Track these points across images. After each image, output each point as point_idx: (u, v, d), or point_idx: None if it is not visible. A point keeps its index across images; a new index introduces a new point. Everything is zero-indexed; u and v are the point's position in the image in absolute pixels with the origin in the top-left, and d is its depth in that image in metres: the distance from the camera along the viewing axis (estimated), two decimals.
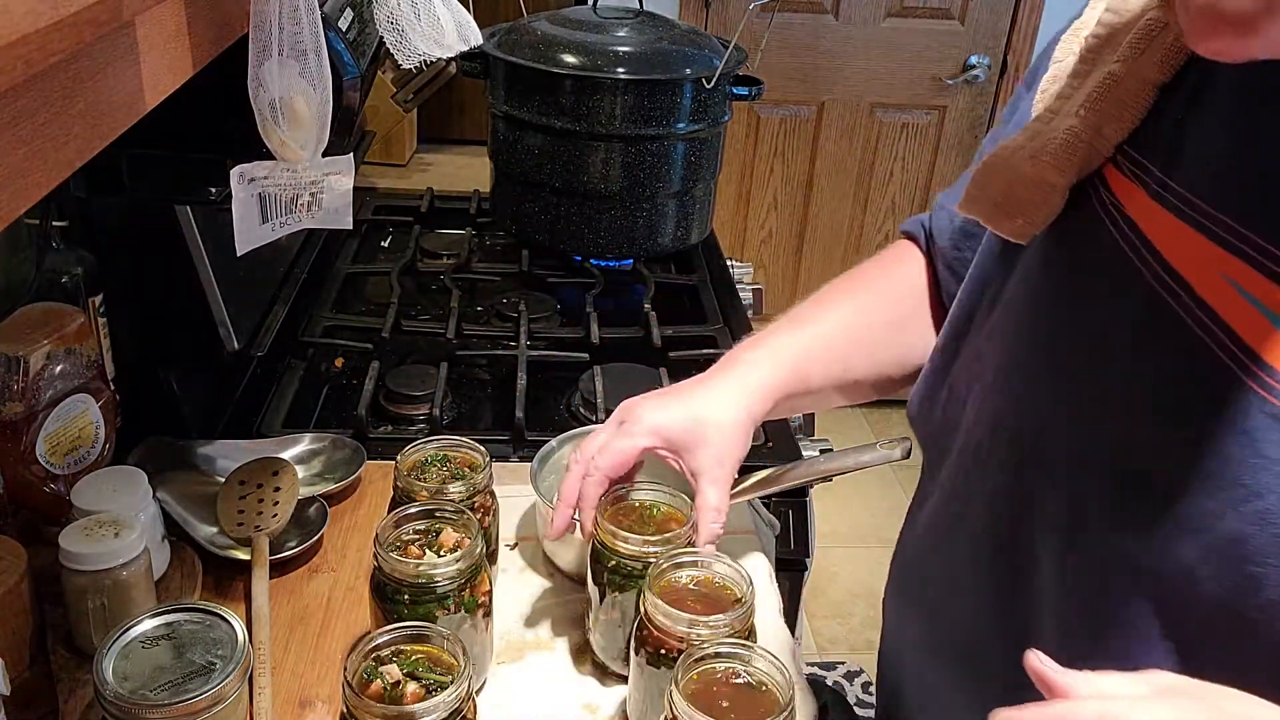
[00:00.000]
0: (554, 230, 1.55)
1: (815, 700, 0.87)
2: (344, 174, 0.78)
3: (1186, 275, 0.55)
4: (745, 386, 0.85)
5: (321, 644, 0.89)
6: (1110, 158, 0.62)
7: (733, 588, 0.79)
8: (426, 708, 0.66)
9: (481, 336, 1.39)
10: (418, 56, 0.78)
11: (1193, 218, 0.55)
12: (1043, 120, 0.65)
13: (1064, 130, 0.62)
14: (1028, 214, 0.64)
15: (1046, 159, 0.63)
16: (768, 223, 3.03)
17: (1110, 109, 0.61)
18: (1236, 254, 0.52)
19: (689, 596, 0.78)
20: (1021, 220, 0.65)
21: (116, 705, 0.67)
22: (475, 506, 0.89)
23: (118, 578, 0.81)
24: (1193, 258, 0.54)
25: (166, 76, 0.53)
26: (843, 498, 2.85)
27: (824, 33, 2.81)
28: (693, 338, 1.42)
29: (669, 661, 0.73)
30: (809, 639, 2.43)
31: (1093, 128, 0.61)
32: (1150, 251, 0.57)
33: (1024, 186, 0.64)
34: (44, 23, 0.36)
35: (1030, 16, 2.81)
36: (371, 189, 1.91)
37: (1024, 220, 0.65)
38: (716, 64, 1.46)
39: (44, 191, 0.41)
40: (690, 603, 0.77)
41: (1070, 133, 0.62)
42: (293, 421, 1.20)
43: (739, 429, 0.83)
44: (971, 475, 0.70)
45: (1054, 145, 0.62)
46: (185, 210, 1.07)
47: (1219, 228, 0.53)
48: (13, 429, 0.88)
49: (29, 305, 0.94)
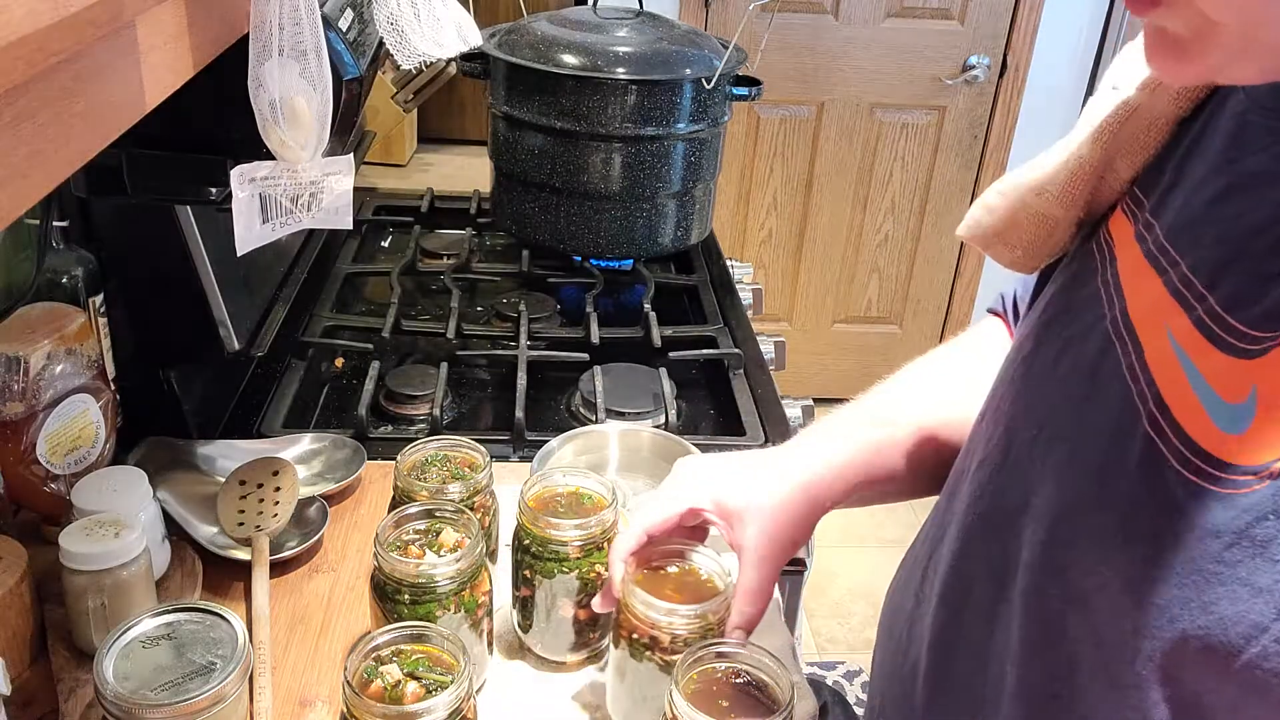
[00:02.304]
0: (554, 230, 1.55)
1: (815, 700, 0.87)
2: (344, 174, 0.78)
3: (1135, 320, 0.52)
4: (809, 466, 0.76)
5: (321, 644, 0.89)
6: (1124, 193, 0.59)
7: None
8: (426, 708, 0.66)
9: (481, 336, 1.39)
10: (417, 57, 0.78)
11: (1158, 262, 0.52)
12: (1055, 152, 0.63)
13: (1073, 161, 0.60)
14: (1026, 246, 0.62)
15: (1053, 190, 0.60)
16: (767, 223, 3.03)
17: (1124, 141, 0.58)
18: (1179, 301, 0.49)
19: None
20: (1020, 252, 0.63)
21: (117, 705, 0.67)
22: (475, 506, 0.89)
23: (118, 578, 0.81)
24: (1147, 304, 0.51)
25: (167, 76, 0.53)
26: None
27: (824, 33, 2.81)
28: (693, 338, 1.42)
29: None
30: (809, 639, 2.43)
31: (1104, 160, 0.58)
32: (1118, 293, 0.54)
33: (1027, 218, 0.62)
34: (44, 23, 0.36)
35: (1030, 16, 2.81)
36: (371, 189, 1.91)
37: (1022, 252, 0.63)
38: (716, 64, 1.47)
39: (45, 191, 0.41)
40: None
41: (1079, 162, 0.59)
42: (293, 421, 1.20)
43: (793, 510, 0.75)
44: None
45: (1061, 177, 0.60)
46: (185, 210, 1.07)
47: (1174, 274, 0.50)
48: (13, 429, 0.88)
49: (29, 305, 0.94)
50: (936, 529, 0.67)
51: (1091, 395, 0.53)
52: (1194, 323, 0.48)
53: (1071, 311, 0.58)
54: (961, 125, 2.94)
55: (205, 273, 1.11)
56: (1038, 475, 0.55)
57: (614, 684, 0.80)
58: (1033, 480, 0.55)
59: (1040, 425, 0.57)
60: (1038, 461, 0.55)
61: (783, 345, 1.52)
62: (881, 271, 3.12)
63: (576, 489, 0.89)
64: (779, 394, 1.32)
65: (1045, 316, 0.62)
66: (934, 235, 3.07)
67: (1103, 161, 0.58)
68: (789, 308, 3.15)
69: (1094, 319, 0.55)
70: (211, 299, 1.12)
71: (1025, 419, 0.59)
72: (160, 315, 1.14)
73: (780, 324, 3.15)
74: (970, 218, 0.67)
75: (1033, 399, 0.59)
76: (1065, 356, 0.57)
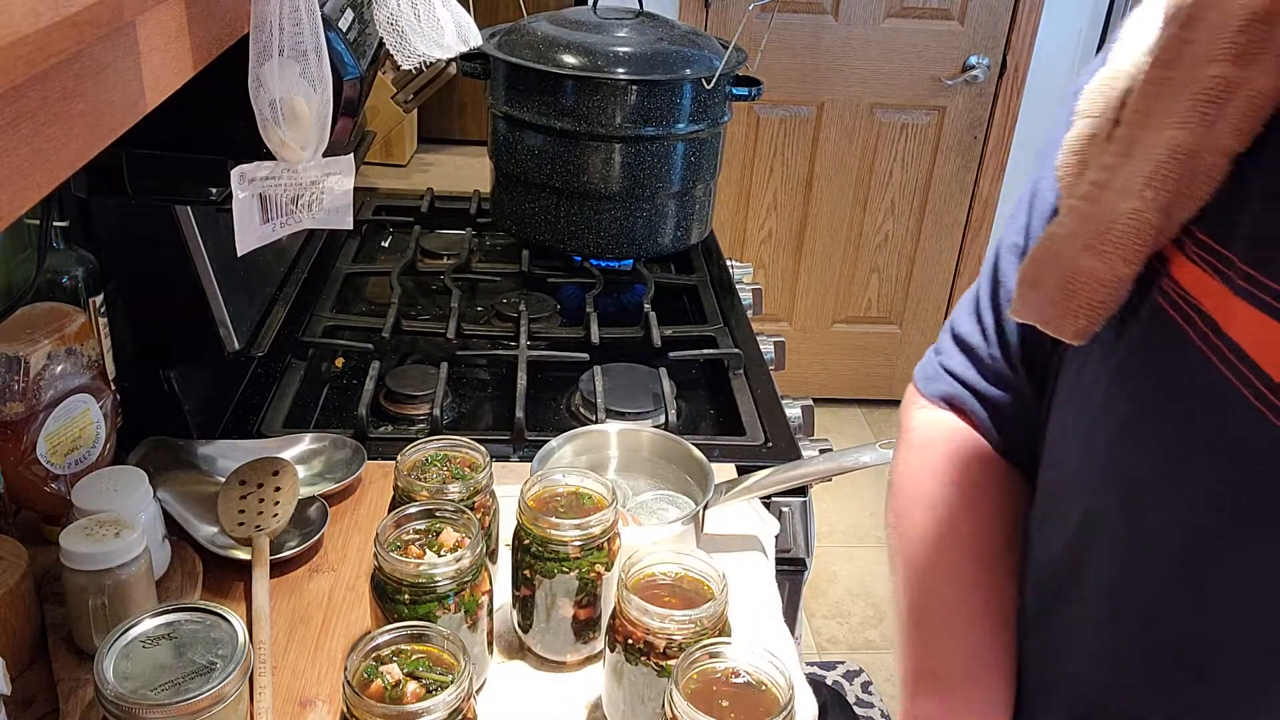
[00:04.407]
0: (554, 230, 1.55)
1: (815, 700, 0.87)
2: (344, 174, 0.78)
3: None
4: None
5: (321, 644, 0.89)
6: (1173, 239, 0.53)
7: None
8: (426, 707, 0.66)
9: (481, 336, 1.40)
10: (417, 57, 0.78)
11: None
12: (1090, 198, 0.57)
13: (1127, 214, 0.53)
14: (1091, 313, 0.56)
15: (1110, 249, 0.54)
16: (767, 223, 3.03)
17: (1181, 188, 0.51)
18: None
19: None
20: (1085, 321, 0.56)
21: (117, 705, 0.67)
22: (475, 506, 0.89)
23: (118, 578, 0.81)
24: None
25: (167, 76, 0.53)
26: (843, 498, 2.85)
27: (824, 33, 2.81)
28: (693, 338, 1.42)
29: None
30: (809, 639, 2.43)
31: (1160, 211, 0.52)
32: (1245, 362, 0.48)
33: (1086, 283, 0.55)
34: (44, 23, 0.36)
35: (1030, 16, 2.81)
36: (371, 189, 1.91)
37: (1087, 321, 0.56)
38: (716, 64, 1.47)
39: (45, 192, 0.41)
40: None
41: (1136, 217, 0.53)
42: (293, 421, 1.20)
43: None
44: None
45: (1117, 232, 0.54)
46: (185, 210, 1.07)
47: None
48: (13, 429, 0.88)
49: (30, 305, 0.94)
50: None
51: (1261, 473, 0.49)
52: None
53: (1170, 382, 0.54)
54: (961, 125, 2.94)
55: (205, 273, 1.11)
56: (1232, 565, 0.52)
57: (610, 687, 0.80)
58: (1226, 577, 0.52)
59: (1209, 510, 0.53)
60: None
61: (782, 345, 1.52)
62: (881, 271, 3.12)
63: (576, 489, 0.89)
64: (779, 394, 1.32)
65: (1131, 394, 0.57)
66: (934, 235, 3.07)
67: (1160, 211, 0.53)
68: (789, 308, 3.15)
69: (1220, 390, 0.50)
70: (211, 299, 1.13)
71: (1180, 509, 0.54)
72: (160, 315, 1.14)
73: (780, 324, 3.15)
74: (1018, 299, 0.61)
75: (1172, 476, 0.54)
76: (1188, 432, 0.52)
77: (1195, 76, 0.51)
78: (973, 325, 0.75)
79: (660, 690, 0.71)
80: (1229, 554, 0.52)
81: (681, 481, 1.03)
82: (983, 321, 0.74)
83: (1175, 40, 0.53)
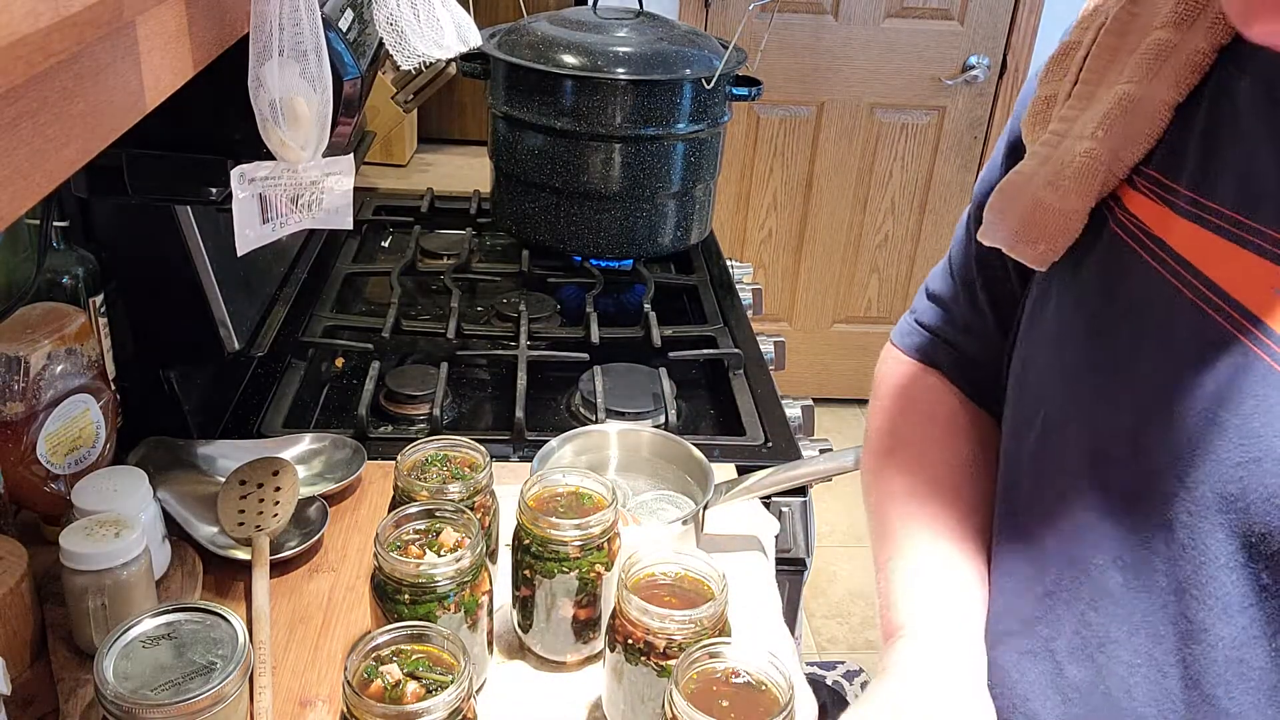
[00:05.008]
0: (554, 230, 1.55)
1: (815, 700, 0.87)
2: (344, 174, 0.78)
3: (1233, 292, 0.54)
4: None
5: (321, 644, 0.89)
6: (1124, 179, 0.62)
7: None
8: (426, 708, 0.66)
9: (481, 336, 1.39)
10: (417, 57, 0.78)
11: (1235, 234, 0.54)
12: (1050, 144, 0.65)
13: (1081, 153, 0.62)
14: (1050, 240, 0.64)
15: (1067, 184, 0.62)
16: (767, 223, 3.03)
17: (1128, 131, 0.60)
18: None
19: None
20: (1044, 246, 0.65)
21: (117, 705, 0.67)
22: (475, 506, 0.89)
23: (118, 578, 0.81)
24: (1239, 274, 0.54)
25: (167, 76, 0.53)
26: (843, 498, 2.84)
27: (824, 33, 2.81)
28: (693, 338, 1.42)
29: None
30: (809, 639, 2.43)
31: (1110, 150, 0.61)
32: (1188, 269, 0.56)
33: (1045, 213, 0.64)
34: (44, 23, 0.36)
35: (1030, 17, 2.81)
36: (371, 189, 1.91)
37: (1045, 246, 0.65)
38: (716, 64, 1.47)
39: (45, 192, 0.41)
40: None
41: (1089, 155, 0.61)
42: (293, 421, 1.20)
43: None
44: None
45: (1072, 169, 0.62)
46: (185, 210, 1.07)
47: (1267, 242, 0.53)
48: (13, 429, 0.88)
49: (29, 305, 0.94)
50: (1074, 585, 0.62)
51: (1202, 362, 0.54)
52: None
53: (1128, 299, 0.60)
54: (961, 125, 2.94)
55: (205, 273, 1.11)
56: (1186, 454, 0.55)
57: (610, 687, 0.80)
58: (1180, 463, 0.55)
59: (1155, 411, 0.57)
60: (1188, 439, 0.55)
61: (782, 345, 1.52)
62: (881, 271, 3.12)
63: (576, 489, 0.89)
64: (779, 394, 1.32)
65: (1089, 310, 0.62)
66: (934, 235, 3.07)
67: (1110, 151, 0.61)
68: (789, 308, 3.15)
69: (1165, 295, 0.57)
70: (211, 299, 1.13)
71: (1114, 403, 0.59)
72: (160, 315, 1.14)
73: (780, 324, 3.15)
74: (985, 225, 0.69)
75: (1128, 381, 0.59)
76: (1143, 337, 0.58)
77: (1141, 41, 0.61)
78: (945, 281, 0.83)
79: (660, 690, 0.71)
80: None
81: (681, 481, 1.03)
82: (954, 275, 0.82)
83: (1125, 14, 0.64)
